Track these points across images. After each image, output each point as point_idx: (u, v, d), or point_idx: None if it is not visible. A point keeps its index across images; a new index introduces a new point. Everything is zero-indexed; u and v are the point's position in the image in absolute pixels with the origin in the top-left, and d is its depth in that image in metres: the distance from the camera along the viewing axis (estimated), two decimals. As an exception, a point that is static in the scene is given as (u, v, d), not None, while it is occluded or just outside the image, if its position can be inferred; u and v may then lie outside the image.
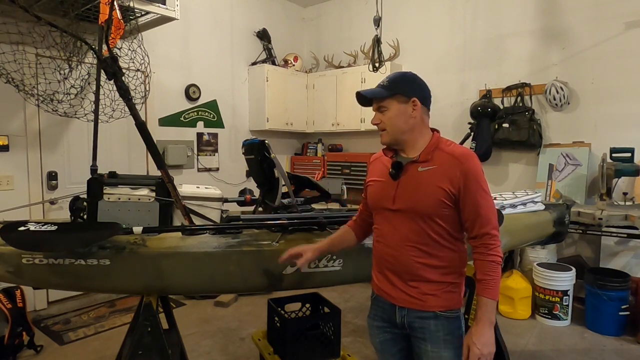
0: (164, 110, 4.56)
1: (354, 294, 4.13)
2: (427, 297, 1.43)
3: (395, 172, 1.47)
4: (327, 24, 6.00)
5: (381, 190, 1.52)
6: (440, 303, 1.44)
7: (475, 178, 1.39)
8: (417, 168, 1.44)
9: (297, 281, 1.95)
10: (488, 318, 1.37)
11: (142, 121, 1.88)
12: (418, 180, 1.43)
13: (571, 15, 4.01)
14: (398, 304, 1.49)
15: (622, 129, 3.77)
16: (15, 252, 1.69)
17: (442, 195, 1.39)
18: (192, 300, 4.00)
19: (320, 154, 5.83)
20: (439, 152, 1.45)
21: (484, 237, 1.39)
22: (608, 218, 3.21)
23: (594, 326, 3.41)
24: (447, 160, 1.41)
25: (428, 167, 1.43)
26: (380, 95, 1.48)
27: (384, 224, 1.52)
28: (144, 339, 1.85)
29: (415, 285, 1.44)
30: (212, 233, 1.91)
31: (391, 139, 1.49)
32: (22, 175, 3.54)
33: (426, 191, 1.40)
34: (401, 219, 1.45)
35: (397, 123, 1.46)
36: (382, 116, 1.49)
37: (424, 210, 1.41)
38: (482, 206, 1.39)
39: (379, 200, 1.52)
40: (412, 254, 1.43)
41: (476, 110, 4.36)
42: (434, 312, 1.43)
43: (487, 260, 1.38)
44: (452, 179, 1.39)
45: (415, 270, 1.44)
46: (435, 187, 1.40)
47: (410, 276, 1.45)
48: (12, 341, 2.92)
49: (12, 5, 2.05)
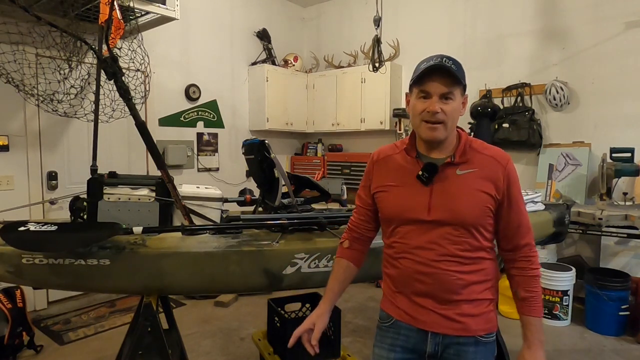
0: (164, 110, 4.56)
1: (354, 294, 4.12)
2: (468, 319, 1.25)
3: (428, 176, 1.24)
4: (327, 24, 6.00)
5: (406, 197, 1.28)
6: (482, 326, 1.26)
7: (516, 183, 1.27)
8: (454, 171, 1.25)
9: (297, 281, 1.95)
10: (539, 339, 1.27)
11: (142, 121, 1.88)
12: (458, 186, 1.24)
13: (571, 15, 4.01)
14: (431, 329, 1.27)
15: (622, 129, 3.77)
16: (15, 252, 1.69)
17: (488, 201, 1.23)
18: (192, 300, 4.00)
19: (320, 154, 5.83)
20: (473, 152, 1.27)
21: (524, 248, 1.27)
22: (608, 218, 3.20)
23: (594, 326, 3.41)
24: (488, 162, 1.25)
25: (468, 169, 1.25)
26: (460, 79, 1.22)
27: (413, 238, 1.27)
28: (144, 339, 1.85)
29: (455, 306, 1.25)
30: (212, 233, 1.91)
31: (445, 136, 1.25)
32: (22, 175, 3.54)
33: (470, 198, 1.22)
34: (439, 231, 1.24)
35: (456, 117, 1.25)
36: (445, 105, 1.21)
37: (469, 220, 1.22)
38: (524, 214, 1.27)
39: (407, 211, 1.27)
40: (453, 270, 1.23)
41: (476, 110, 4.36)
42: (475, 337, 1.26)
43: (530, 275, 1.26)
44: (496, 183, 1.23)
45: (456, 289, 1.24)
46: (479, 192, 1.23)
47: (449, 295, 1.24)
48: (12, 341, 2.92)
49: (12, 5, 2.05)
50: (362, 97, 5.20)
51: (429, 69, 1.20)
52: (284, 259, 1.89)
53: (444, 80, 1.20)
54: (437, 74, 1.20)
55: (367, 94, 5.15)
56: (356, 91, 5.24)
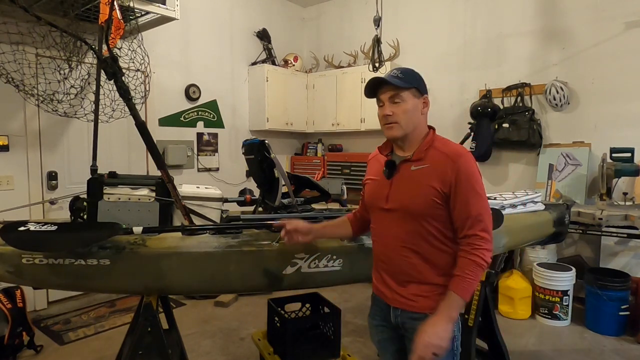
0: (164, 110, 4.56)
1: (354, 294, 4.12)
2: (419, 298, 1.42)
3: (388, 171, 1.46)
4: (327, 24, 6.00)
5: (376, 189, 1.52)
6: (432, 305, 1.39)
7: (467, 178, 1.35)
8: (410, 167, 1.43)
9: (297, 281, 1.95)
10: (449, 313, 1.33)
11: (142, 121, 1.88)
12: (410, 180, 1.42)
13: (571, 15, 4.01)
14: (392, 304, 1.49)
15: (622, 129, 3.77)
16: (15, 252, 1.68)
17: (434, 194, 1.36)
18: (192, 300, 4.00)
19: (320, 154, 5.83)
20: (433, 150, 1.42)
21: (471, 237, 1.35)
22: (608, 218, 3.21)
23: (594, 326, 3.41)
24: (440, 159, 1.39)
25: (420, 165, 1.41)
26: (401, 85, 1.40)
27: (379, 224, 1.52)
28: (144, 339, 1.85)
29: (408, 286, 1.44)
30: (212, 233, 1.91)
31: (402, 133, 1.43)
32: (22, 175, 3.54)
33: (418, 191, 1.39)
34: (394, 218, 1.44)
35: (411, 117, 1.42)
36: (395, 108, 1.41)
37: (415, 209, 1.39)
38: (473, 206, 1.35)
39: (374, 200, 1.52)
40: (405, 255, 1.43)
41: (476, 110, 4.36)
42: (425, 314, 1.40)
43: (469, 258, 1.34)
44: (443, 178, 1.36)
45: (407, 271, 1.43)
46: (426, 186, 1.37)
47: (403, 277, 1.45)
48: (12, 341, 2.92)
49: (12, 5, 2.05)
50: (362, 97, 5.10)
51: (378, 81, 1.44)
52: (284, 259, 1.89)
53: (390, 86, 1.41)
54: (383, 85, 1.44)
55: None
56: (356, 91, 5.24)
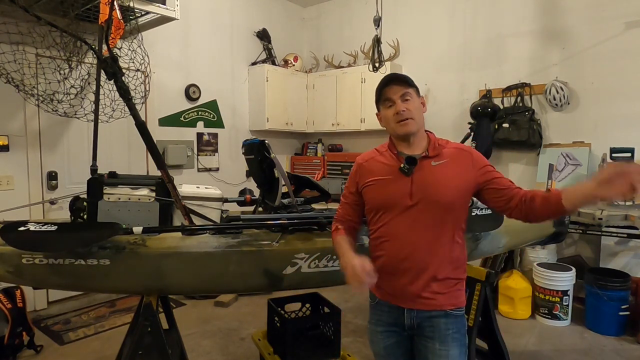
0: (164, 110, 4.56)
1: (354, 294, 4.12)
2: (438, 295, 1.44)
3: (409, 167, 1.45)
4: (327, 24, 5.99)
5: (391, 188, 1.47)
6: (451, 301, 1.45)
7: (486, 164, 1.48)
8: (429, 163, 1.47)
9: (297, 281, 1.95)
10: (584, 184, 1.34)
11: (142, 121, 1.88)
12: (434, 174, 1.45)
13: (571, 15, 4.01)
14: (408, 306, 1.47)
15: (622, 129, 3.77)
16: (15, 252, 1.69)
17: (461, 182, 1.44)
18: (192, 300, 4.00)
19: (320, 154, 5.83)
20: (441, 148, 1.50)
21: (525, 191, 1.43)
22: (608, 218, 3.21)
23: (594, 326, 3.41)
24: (456, 153, 1.48)
25: (440, 161, 1.47)
26: (410, 82, 1.49)
27: (398, 223, 1.46)
28: (144, 339, 1.85)
29: (429, 284, 1.43)
30: (212, 233, 1.91)
31: (417, 129, 1.48)
32: (22, 175, 3.54)
33: (446, 182, 1.43)
34: (419, 214, 1.43)
35: (420, 114, 1.50)
36: (408, 104, 1.46)
37: (445, 201, 1.42)
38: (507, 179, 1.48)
39: (392, 198, 1.46)
40: (429, 249, 1.43)
41: (476, 110, 4.36)
42: (445, 311, 1.45)
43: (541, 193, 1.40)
44: (466, 168, 1.45)
45: (429, 267, 1.43)
46: (452, 176, 1.44)
47: (423, 273, 1.43)
48: (12, 341, 2.92)
49: (12, 5, 2.05)
50: (362, 97, 5.19)
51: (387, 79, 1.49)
52: (284, 259, 1.89)
53: (398, 85, 1.47)
54: (391, 83, 1.49)
55: (367, 94, 5.13)
56: (356, 91, 5.24)
